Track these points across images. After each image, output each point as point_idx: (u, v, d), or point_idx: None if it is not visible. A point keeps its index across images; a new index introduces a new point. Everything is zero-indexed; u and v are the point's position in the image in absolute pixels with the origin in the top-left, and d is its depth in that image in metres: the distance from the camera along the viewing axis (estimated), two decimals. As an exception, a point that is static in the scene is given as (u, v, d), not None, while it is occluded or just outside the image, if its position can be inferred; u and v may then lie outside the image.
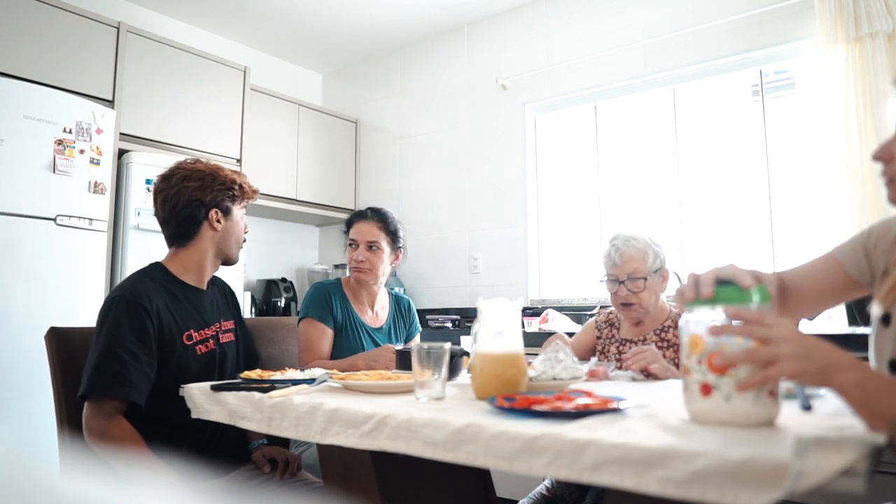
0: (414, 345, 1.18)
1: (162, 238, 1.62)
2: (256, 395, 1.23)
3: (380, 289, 2.11)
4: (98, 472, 0.26)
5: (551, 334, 2.14)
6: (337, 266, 4.31)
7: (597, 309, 2.91)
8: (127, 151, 3.07)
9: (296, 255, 4.51)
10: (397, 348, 1.65)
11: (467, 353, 1.46)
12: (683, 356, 0.89)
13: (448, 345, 1.17)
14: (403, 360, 1.50)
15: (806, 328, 1.07)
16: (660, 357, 1.54)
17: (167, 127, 3.29)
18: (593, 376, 1.48)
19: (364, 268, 2.01)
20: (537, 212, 3.69)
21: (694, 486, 0.68)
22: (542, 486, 1.85)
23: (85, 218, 2.72)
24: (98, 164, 2.79)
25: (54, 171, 2.62)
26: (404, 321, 2.18)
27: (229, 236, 1.62)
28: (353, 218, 2.09)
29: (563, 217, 3.65)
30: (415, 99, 4.22)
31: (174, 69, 3.34)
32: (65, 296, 2.63)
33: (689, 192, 3.23)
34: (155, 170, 2.37)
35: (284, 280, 4.04)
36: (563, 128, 3.71)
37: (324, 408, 1.09)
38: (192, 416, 1.33)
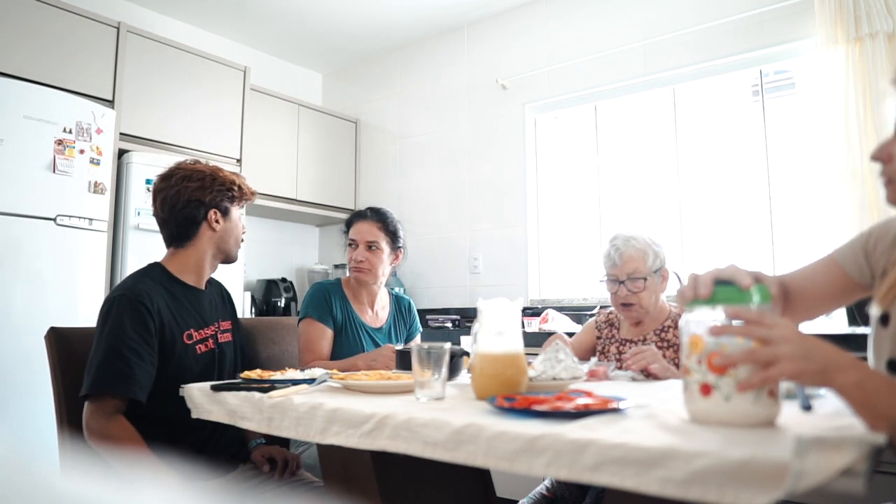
0: (414, 345, 1.18)
1: (162, 238, 1.62)
2: (256, 395, 1.23)
3: (380, 289, 2.11)
4: (98, 472, 0.26)
5: (551, 334, 2.14)
6: (337, 266, 4.31)
7: (597, 309, 2.91)
8: (127, 151, 3.07)
9: (296, 255, 4.51)
10: (397, 348, 1.65)
11: (467, 353, 1.46)
12: (683, 356, 0.89)
13: (448, 345, 1.17)
14: (403, 360, 1.50)
15: (806, 328, 1.07)
16: (660, 357, 1.54)
17: (167, 127, 3.29)
18: (593, 376, 1.48)
19: (363, 268, 2.01)
20: (537, 212, 3.69)
21: (694, 486, 0.68)
22: (542, 486, 1.85)
23: (85, 218, 2.72)
24: (98, 164, 2.79)
25: (54, 171, 2.62)
26: (405, 321, 2.18)
27: (228, 236, 1.63)
28: (353, 218, 2.10)
29: (563, 217, 3.65)
30: (415, 99, 4.22)
31: (174, 69, 3.34)
32: (65, 296, 2.63)
33: (689, 192, 3.23)
34: (155, 170, 2.37)
35: (284, 280, 4.04)
36: (563, 128, 3.71)
37: (324, 408, 1.09)
38: (192, 416, 1.33)
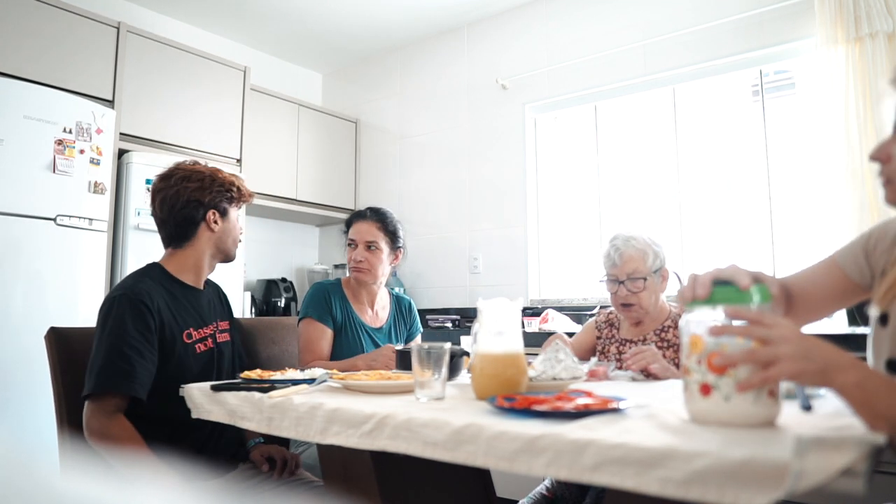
0: (414, 345, 1.18)
1: (160, 238, 1.62)
2: (256, 395, 1.23)
3: (380, 289, 2.11)
4: (98, 472, 0.26)
5: (551, 334, 2.14)
6: (337, 266, 4.31)
7: (597, 309, 2.91)
8: (127, 151, 3.07)
9: (296, 255, 4.51)
10: (397, 348, 1.65)
11: (467, 353, 1.46)
12: (683, 356, 0.89)
13: (448, 345, 1.17)
14: (403, 360, 1.50)
15: (806, 328, 1.07)
16: (660, 357, 1.54)
17: (167, 127, 3.29)
18: (593, 376, 1.48)
19: (362, 268, 2.01)
20: (537, 212, 3.69)
21: (694, 486, 0.68)
22: (542, 486, 1.85)
23: (85, 218, 2.72)
24: (98, 164, 2.79)
25: (54, 171, 2.62)
26: (405, 321, 2.18)
27: (226, 237, 1.63)
28: (353, 218, 2.10)
29: (563, 217, 3.65)
30: (415, 99, 4.22)
31: (174, 69, 3.34)
32: (65, 296, 2.63)
33: (689, 192, 3.23)
34: (155, 170, 2.37)
35: (284, 280, 4.04)
36: (563, 128, 3.71)
37: (324, 408, 1.09)
38: (192, 416, 1.33)
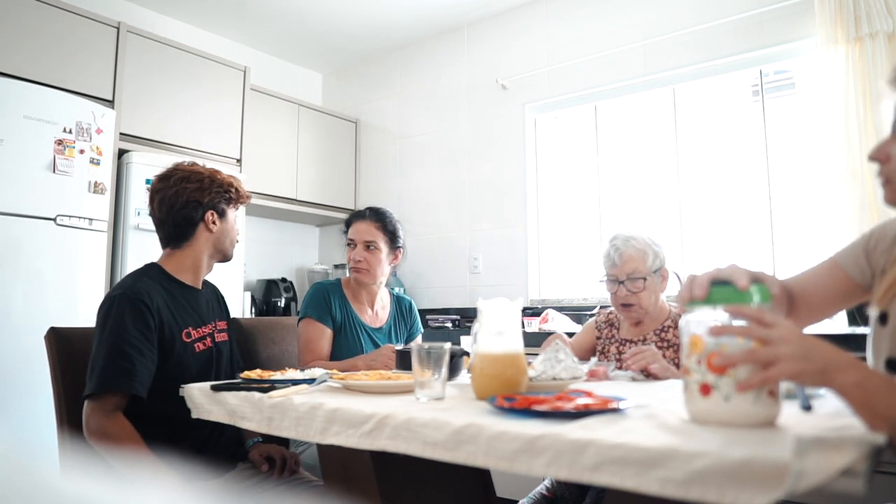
0: (414, 345, 1.18)
1: (158, 238, 1.62)
2: (256, 395, 1.23)
3: (379, 288, 2.11)
4: (98, 471, 0.26)
5: (551, 334, 2.14)
6: (337, 266, 4.31)
7: (597, 309, 2.91)
8: (127, 151, 3.07)
9: (296, 255, 4.51)
10: (397, 348, 1.65)
11: (467, 353, 1.46)
12: (683, 356, 0.89)
13: (448, 345, 1.17)
14: (403, 360, 1.50)
15: (806, 328, 1.07)
16: (660, 357, 1.54)
17: (167, 127, 3.29)
18: (593, 376, 1.48)
19: (362, 268, 2.01)
20: (537, 212, 3.69)
21: (694, 486, 0.68)
22: (542, 486, 1.85)
23: (85, 218, 2.72)
24: (98, 164, 2.79)
25: (54, 171, 2.62)
26: (405, 322, 2.18)
27: (224, 237, 1.64)
28: (352, 218, 2.10)
29: (562, 217, 3.65)
30: (415, 99, 4.22)
31: (174, 69, 3.34)
32: (65, 296, 2.63)
33: (689, 192, 3.23)
34: (155, 170, 2.37)
35: (284, 280, 4.04)
36: (563, 128, 3.71)
37: (324, 408, 1.09)
38: (192, 415, 1.33)
